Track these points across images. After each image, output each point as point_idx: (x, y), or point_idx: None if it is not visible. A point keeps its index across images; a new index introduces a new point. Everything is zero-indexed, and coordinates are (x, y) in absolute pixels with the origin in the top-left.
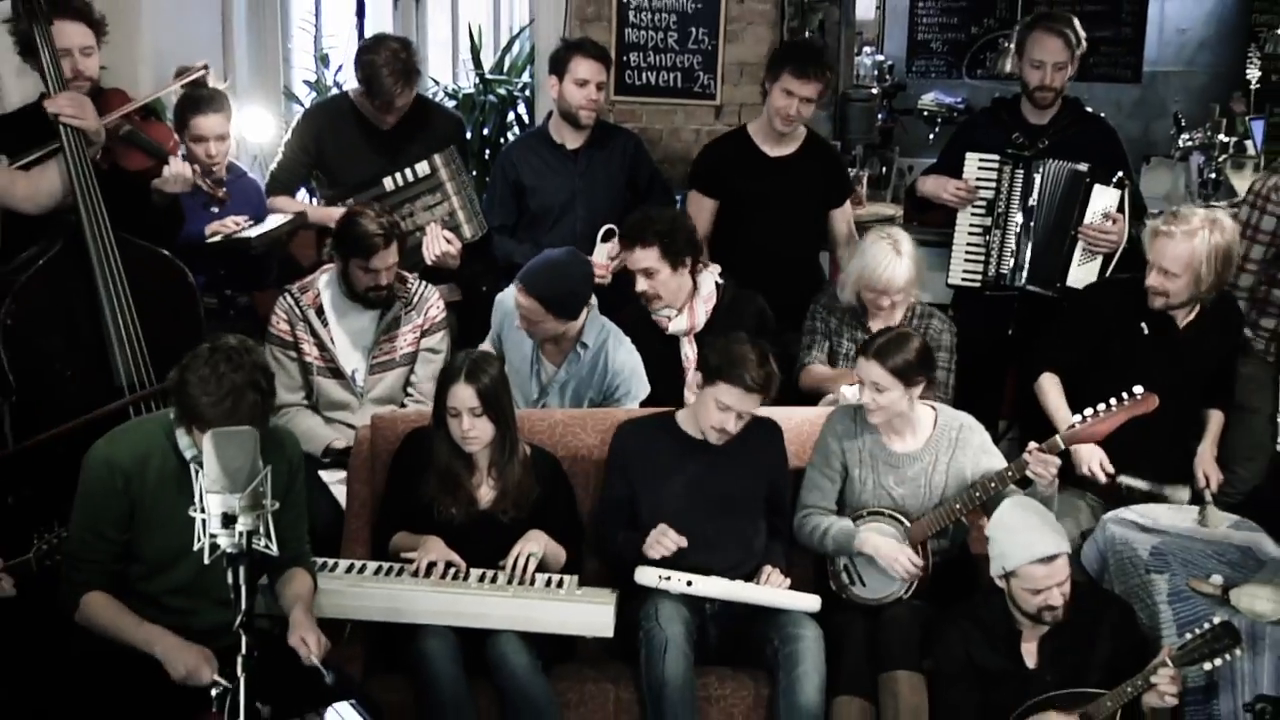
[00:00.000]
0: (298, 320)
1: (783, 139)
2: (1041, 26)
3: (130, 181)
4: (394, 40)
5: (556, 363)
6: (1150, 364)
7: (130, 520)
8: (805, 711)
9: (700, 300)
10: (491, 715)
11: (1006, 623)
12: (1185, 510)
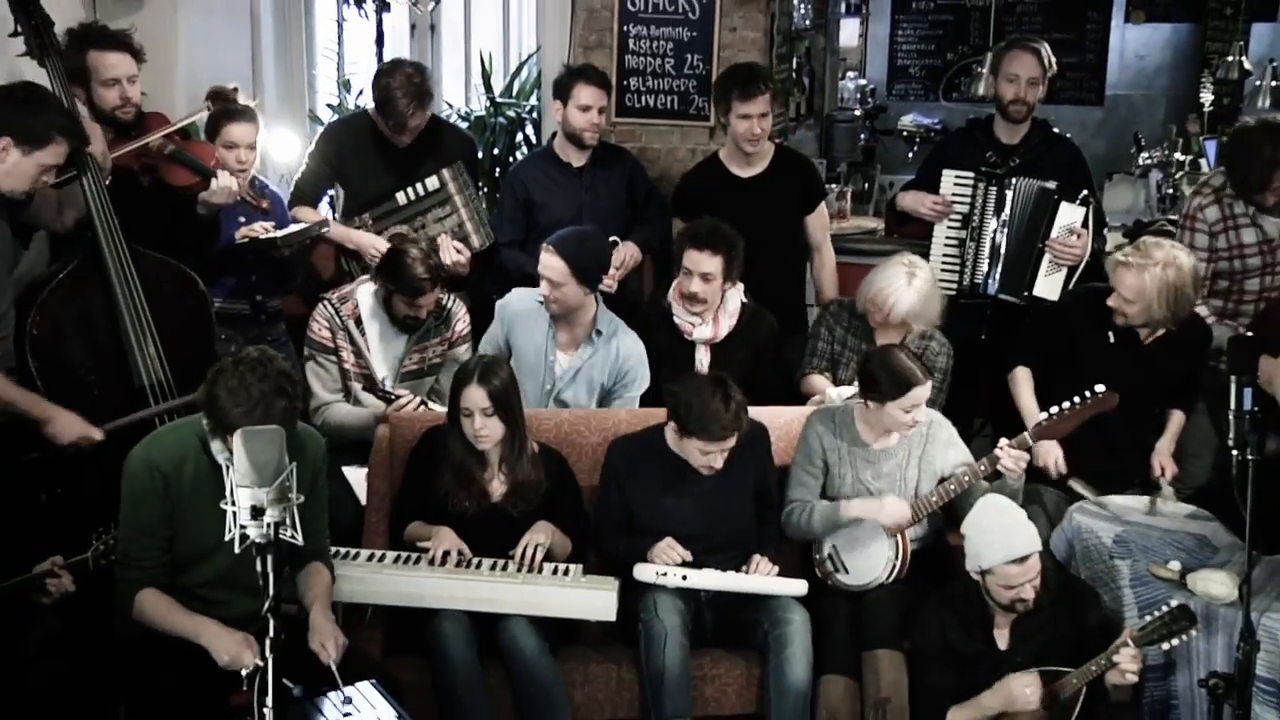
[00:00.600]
0: (338, 329)
1: (751, 159)
2: (1017, 45)
3: (175, 196)
4: (408, 65)
5: (570, 352)
6: (1114, 372)
7: (170, 517)
8: (794, 690)
9: (725, 314)
10: (502, 694)
11: (980, 608)
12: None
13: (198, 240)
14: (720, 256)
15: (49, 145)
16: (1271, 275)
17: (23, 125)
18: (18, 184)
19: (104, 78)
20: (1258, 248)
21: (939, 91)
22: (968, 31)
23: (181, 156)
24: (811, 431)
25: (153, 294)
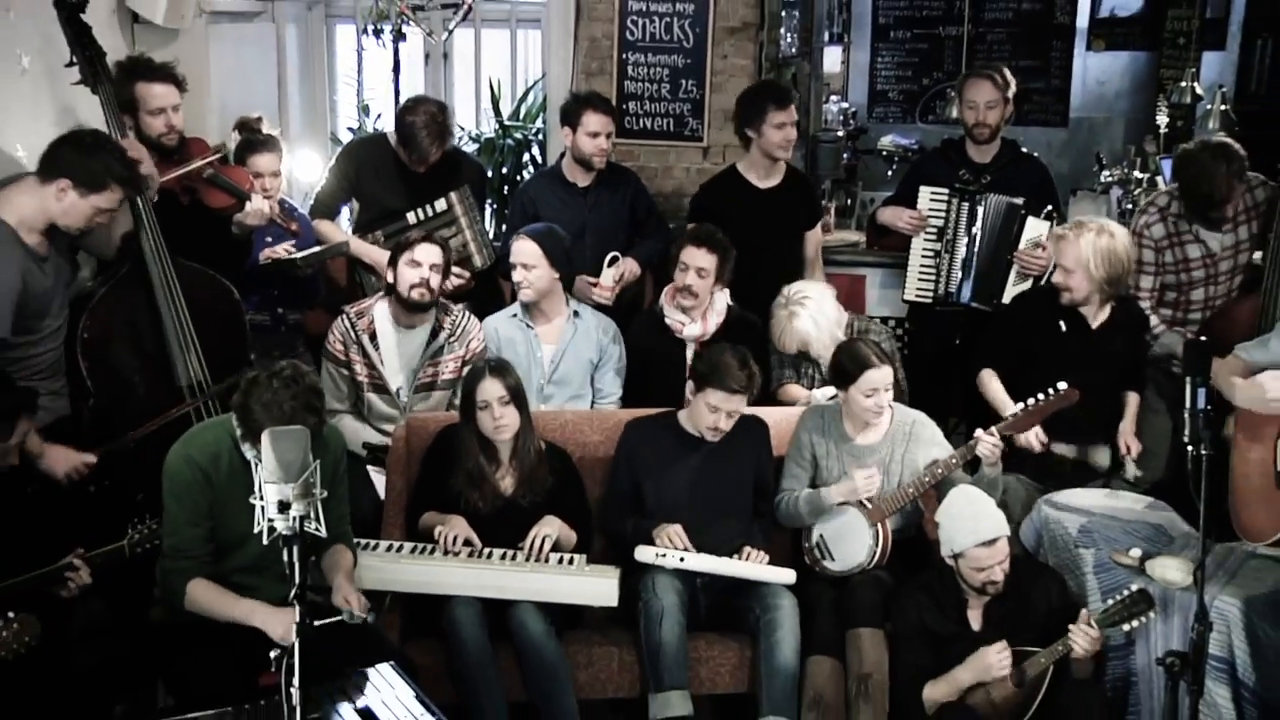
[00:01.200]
0: (351, 342)
1: (770, 172)
2: (974, 74)
3: (212, 216)
4: (432, 104)
5: (552, 339)
6: (1069, 357)
7: (211, 509)
8: (783, 670)
9: (713, 314)
10: (512, 674)
11: (955, 592)
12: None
13: (231, 257)
14: (715, 255)
15: (105, 191)
16: (1214, 285)
17: (83, 169)
18: (73, 222)
19: (150, 108)
20: (1201, 261)
21: (916, 114)
22: (942, 59)
23: (219, 180)
24: (803, 428)
25: (193, 302)
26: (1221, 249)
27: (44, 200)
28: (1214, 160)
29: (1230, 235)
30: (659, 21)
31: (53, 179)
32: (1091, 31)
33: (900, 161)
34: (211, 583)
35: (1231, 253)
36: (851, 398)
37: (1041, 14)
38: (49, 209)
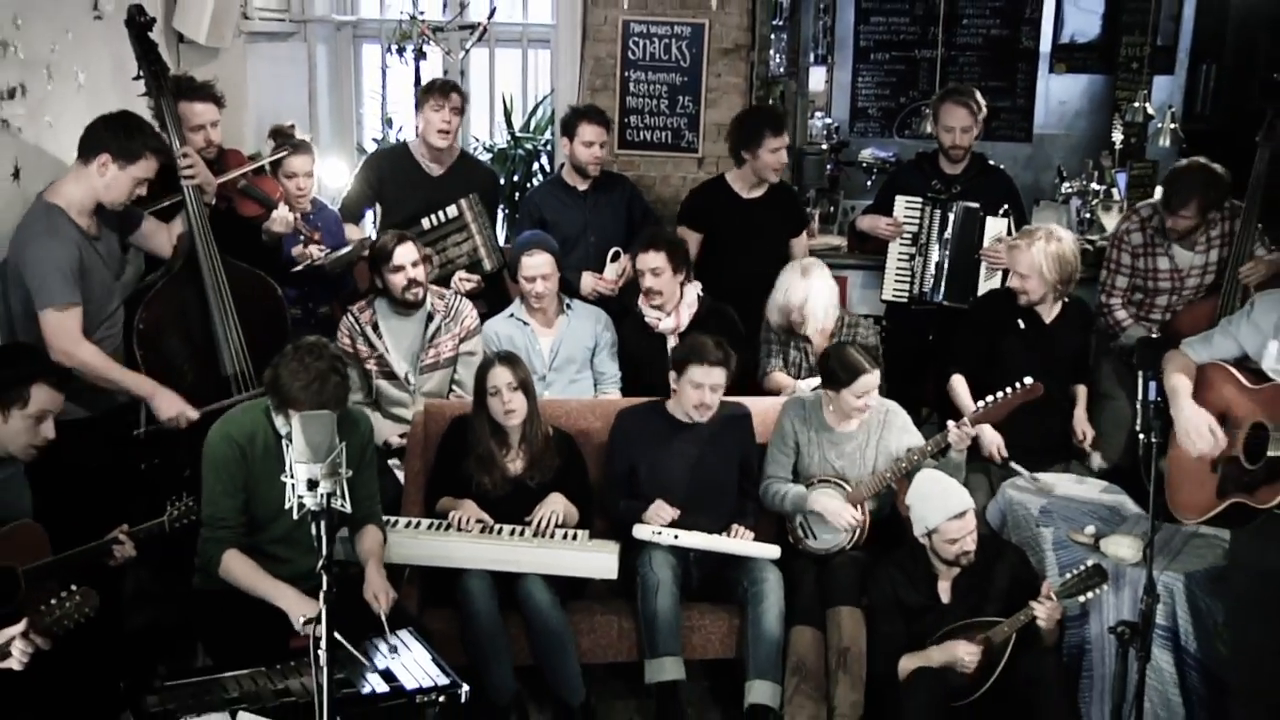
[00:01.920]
0: (357, 335)
1: (755, 186)
2: (951, 99)
3: (245, 224)
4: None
5: (549, 331)
6: (1028, 352)
7: (247, 484)
8: (768, 639)
9: (685, 306)
10: (520, 640)
11: (926, 568)
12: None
13: (263, 259)
14: (663, 252)
15: (141, 160)
16: (1177, 295)
17: (118, 143)
18: (116, 196)
19: (191, 124)
20: (1168, 275)
21: (893, 129)
22: (917, 79)
23: (251, 191)
24: (785, 417)
25: (239, 296)
26: (1190, 267)
27: (89, 181)
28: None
29: (1201, 256)
30: (658, 43)
31: (93, 157)
32: (1053, 56)
33: (879, 173)
34: (245, 556)
35: (1200, 272)
36: (843, 398)
37: (1008, 39)
38: (94, 187)
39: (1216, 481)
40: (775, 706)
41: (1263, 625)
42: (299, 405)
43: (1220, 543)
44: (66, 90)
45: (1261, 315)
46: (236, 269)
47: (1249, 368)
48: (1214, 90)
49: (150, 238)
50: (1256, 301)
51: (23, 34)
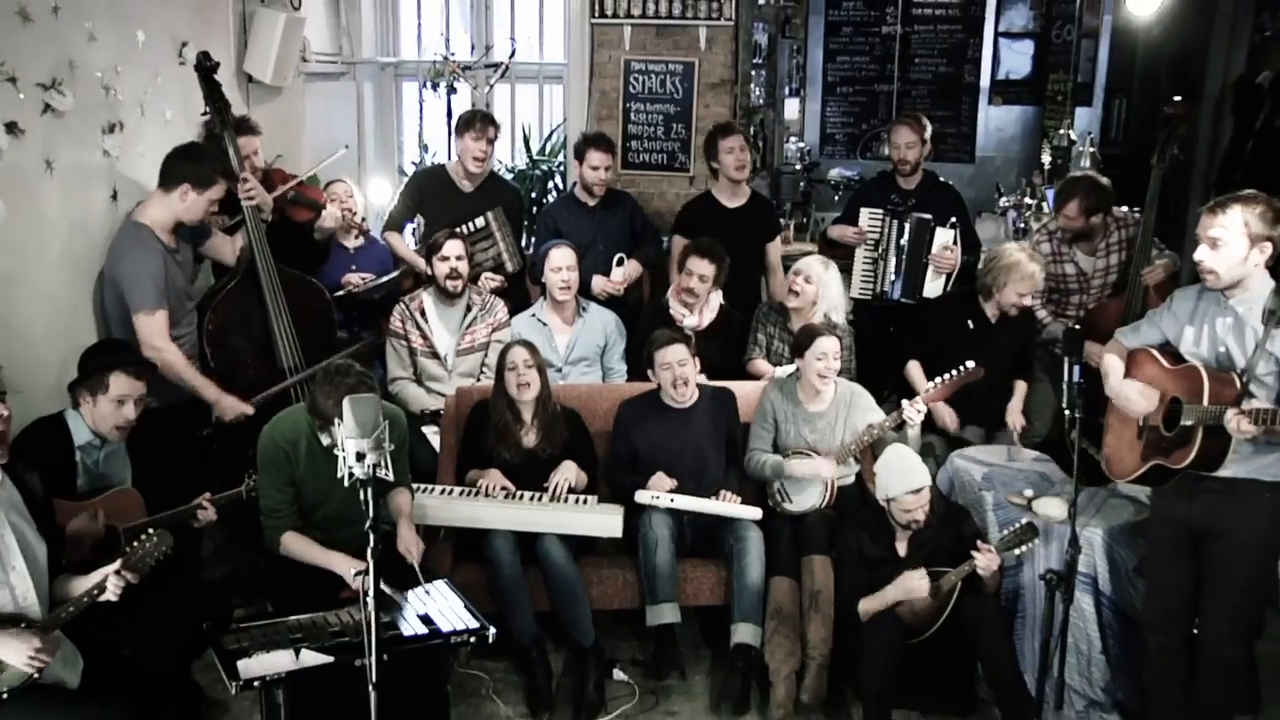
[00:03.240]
0: (407, 319)
1: (735, 194)
2: (898, 121)
3: (298, 227)
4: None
5: (566, 329)
6: (974, 347)
7: (293, 479)
8: (751, 587)
9: (709, 309)
10: (539, 590)
11: (886, 526)
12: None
13: (314, 255)
14: (715, 265)
15: (214, 185)
16: (1086, 294)
17: (195, 172)
18: (194, 216)
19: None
20: (1075, 279)
21: (857, 152)
22: (877, 109)
23: (301, 199)
24: (765, 398)
25: (291, 299)
26: (1093, 270)
27: (171, 205)
28: (1080, 180)
29: (1102, 260)
30: (655, 78)
31: (175, 185)
32: (992, 90)
33: (845, 189)
34: (300, 535)
35: (1102, 274)
36: (807, 363)
37: (954, 76)
38: (175, 210)
39: (1141, 447)
40: (757, 645)
41: (1173, 565)
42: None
43: (1132, 502)
44: (155, 126)
45: (1179, 307)
46: (289, 275)
47: (1170, 352)
48: (1125, 120)
49: (217, 249)
50: (1175, 296)
51: (121, 79)
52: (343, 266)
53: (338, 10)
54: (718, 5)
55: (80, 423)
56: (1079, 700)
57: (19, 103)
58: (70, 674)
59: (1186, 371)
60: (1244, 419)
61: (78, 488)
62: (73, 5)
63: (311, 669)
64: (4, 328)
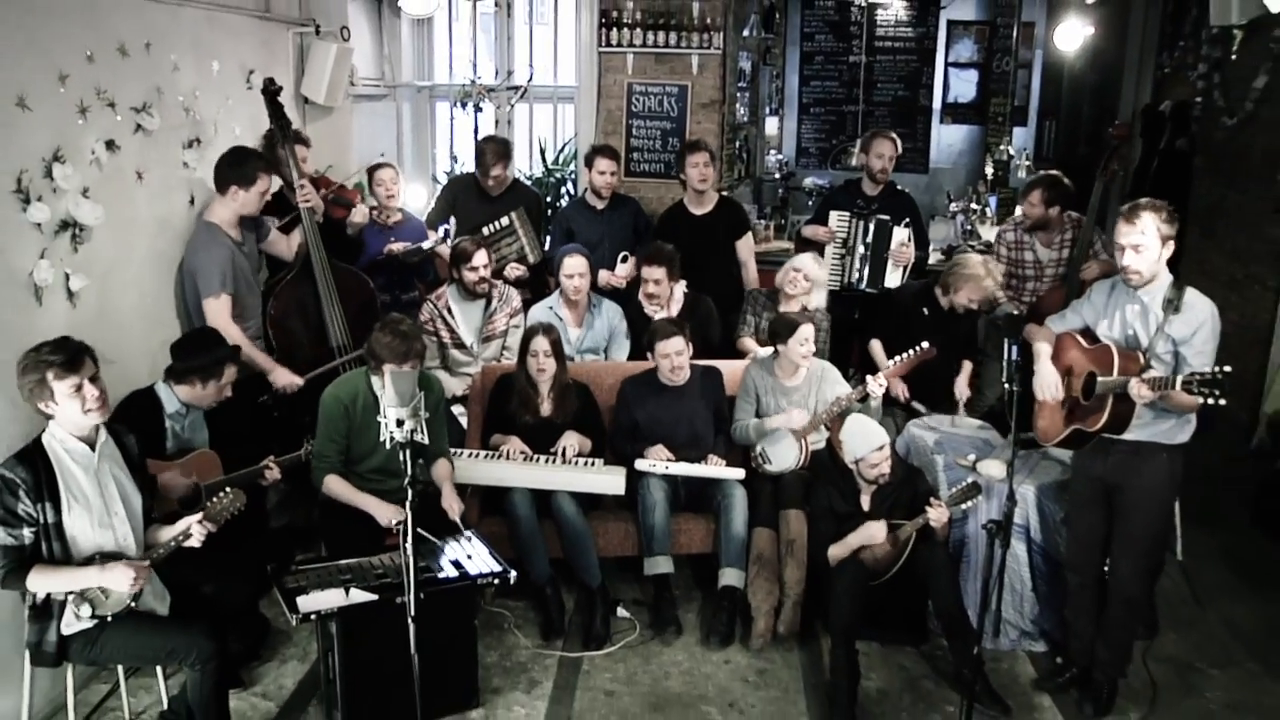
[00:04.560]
0: (435, 316)
1: (702, 202)
2: (880, 135)
3: (338, 223)
4: (495, 138)
5: (578, 322)
6: (929, 332)
7: (348, 431)
8: (736, 537)
9: (674, 302)
10: (552, 540)
11: (852, 484)
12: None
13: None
14: (664, 267)
15: (258, 180)
16: (1041, 281)
17: (238, 173)
18: (251, 209)
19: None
20: (1032, 266)
21: (827, 163)
22: (845, 126)
23: (340, 200)
24: (748, 375)
25: (341, 289)
26: (1048, 260)
27: (229, 204)
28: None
29: (1056, 253)
30: (654, 99)
31: (226, 188)
32: (943, 111)
33: (817, 195)
34: (341, 479)
35: (1054, 265)
36: (789, 347)
37: (910, 99)
38: (232, 207)
39: (1064, 415)
40: (741, 586)
41: (1089, 515)
42: (389, 361)
43: (1059, 464)
44: (226, 141)
45: (1096, 298)
46: (339, 268)
47: (1089, 335)
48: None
49: (275, 245)
50: (1093, 289)
51: (199, 102)
52: (384, 240)
53: (381, 41)
54: (708, 36)
55: (170, 394)
56: (1012, 630)
57: (117, 123)
58: (160, 604)
59: (1101, 350)
60: (1143, 385)
61: (166, 450)
62: (161, 41)
63: (359, 605)
64: (103, 313)
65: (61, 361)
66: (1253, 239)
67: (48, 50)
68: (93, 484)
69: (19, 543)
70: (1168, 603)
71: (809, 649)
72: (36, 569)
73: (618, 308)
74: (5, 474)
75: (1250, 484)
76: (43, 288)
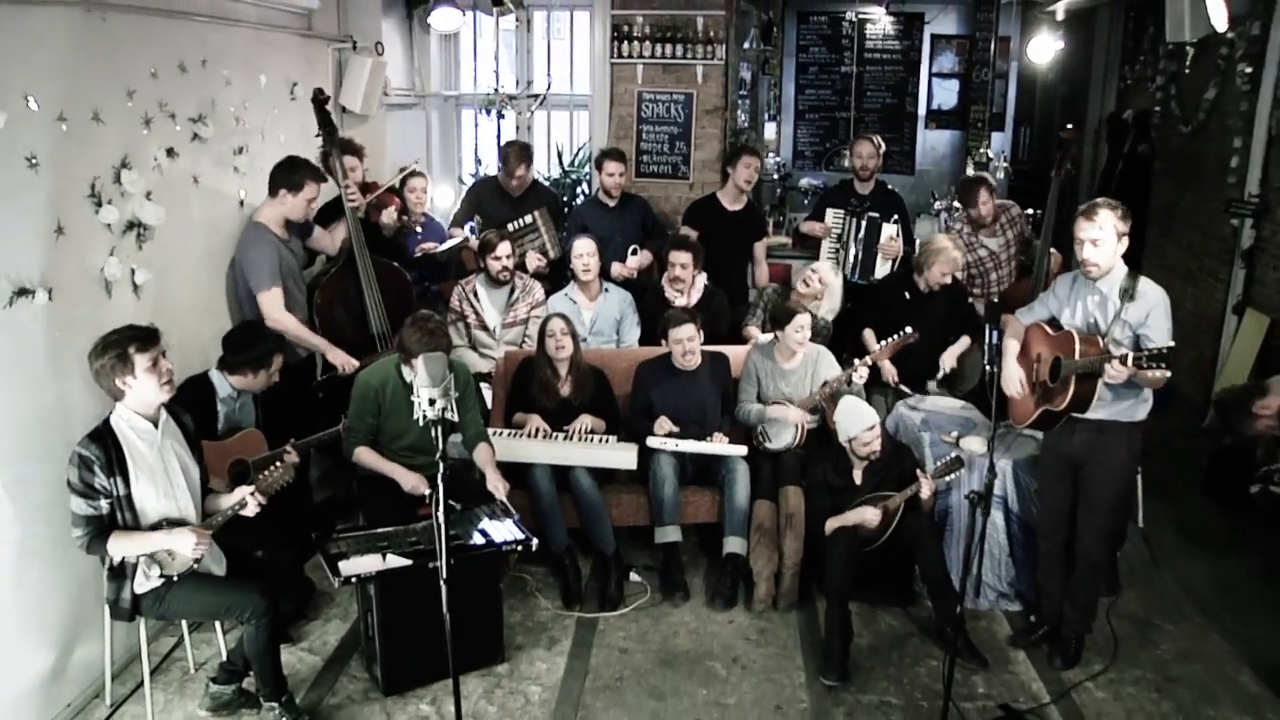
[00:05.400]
0: (464, 300)
1: (736, 200)
2: (860, 138)
3: (375, 225)
4: (517, 141)
5: (590, 305)
6: (912, 315)
7: (379, 413)
8: (739, 509)
9: (695, 290)
10: (570, 511)
11: (845, 461)
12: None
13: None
14: (690, 254)
15: (305, 186)
16: (1000, 271)
17: (288, 180)
18: (298, 214)
19: (348, 169)
20: (990, 258)
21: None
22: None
23: (380, 204)
24: (750, 360)
25: (381, 281)
26: (999, 248)
27: (278, 207)
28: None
29: (1002, 238)
30: (662, 106)
31: (276, 192)
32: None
33: (812, 195)
34: (371, 450)
35: (1005, 249)
36: (787, 334)
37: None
38: (281, 211)
39: (1035, 399)
40: (743, 554)
41: (1057, 488)
42: (416, 354)
43: (1034, 440)
44: (272, 148)
45: (1060, 290)
46: (379, 262)
47: (1054, 324)
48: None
49: (319, 241)
50: (1057, 282)
51: (248, 112)
52: (415, 241)
53: (412, 55)
54: (711, 48)
55: (222, 380)
56: (991, 592)
57: (175, 133)
58: (218, 567)
59: (1064, 336)
60: (1115, 363)
61: (218, 431)
62: (215, 58)
63: (395, 569)
64: (164, 305)
65: (142, 337)
66: (1206, 236)
67: (120, 69)
68: (156, 458)
69: (98, 513)
70: (1129, 565)
71: (805, 610)
72: (115, 535)
73: (629, 295)
74: (82, 452)
75: (1203, 459)
76: (112, 282)
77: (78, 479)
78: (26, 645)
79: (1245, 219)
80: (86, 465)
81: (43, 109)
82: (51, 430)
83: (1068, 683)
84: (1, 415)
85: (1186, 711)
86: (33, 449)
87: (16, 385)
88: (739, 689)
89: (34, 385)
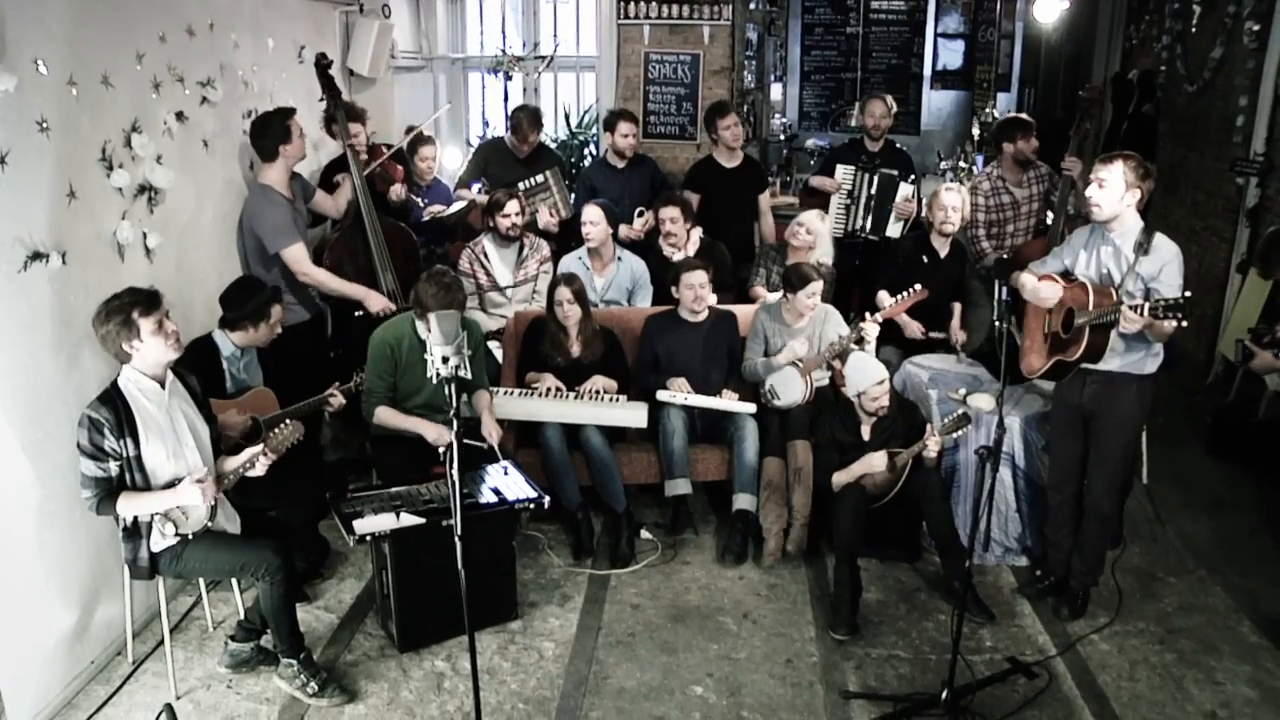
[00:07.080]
0: (474, 259)
1: (731, 158)
2: (873, 97)
3: (381, 194)
4: (528, 107)
5: (603, 273)
6: (925, 274)
7: (396, 371)
8: (748, 465)
9: (690, 245)
10: (581, 468)
11: (853, 417)
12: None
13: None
14: (678, 208)
15: (291, 127)
16: (1019, 222)
17: (274, 137)
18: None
19: (352, 134)
20: (1011, 206)
21: (827, 126)
22: (843, 92)
23: (385, 176)
24: (758, 318)
25: (389, 239)
26: (1023, 199)
27: (276, 167)
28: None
29: (1027, 190)
30: (669, 66)
31: (274, 153)
32: (933, 78)
33: (818, 155)
34: (391, 409)
35: (1028, 201)
36: (798, 299)
37: (902, 67)
38: (285, 165)
39: (1047, 348)
40: (753, 510)
41: (1068, 439)
42: (433, 308)
43: (1042, 397)
44: None
45: (1076, 240)
46: (386, 221)
47: (1068, 276)
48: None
49: (321, 205)
50: (1074, 234)
51: (256, 76)
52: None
53: (419, 17)
54: (718, 9)
55: (226, 339)
56: (997, 547)
57: (185, 97)
58: (232, 525)
59: (1078, 288)
60: (1130, 312)
61: (226, 390)
62: (223, 22)
63: (409, 528)
64: (177, 268)
65: (143, 300)
66: (1210, 195)
67: (128, 34)
68: (165, 419)
69: (107, 474)
70: (1133, 520)
71: (815, 565)
72: (124, 496)
73: (642, 262)
74: (92, 415)
75: (1206, 415)
76: (125, 246)
77: (87, 441)
78: (50, 605)
79: (1250, 178)
80: (96, 428)
81: (52, 73)
82: (68, 392)
83: (1073, 635)
84: (18, 379)
85: (1189, 662)
86: (50, 412)
87: (32, 348)
88: (749, 643)
89: (50, 348)
